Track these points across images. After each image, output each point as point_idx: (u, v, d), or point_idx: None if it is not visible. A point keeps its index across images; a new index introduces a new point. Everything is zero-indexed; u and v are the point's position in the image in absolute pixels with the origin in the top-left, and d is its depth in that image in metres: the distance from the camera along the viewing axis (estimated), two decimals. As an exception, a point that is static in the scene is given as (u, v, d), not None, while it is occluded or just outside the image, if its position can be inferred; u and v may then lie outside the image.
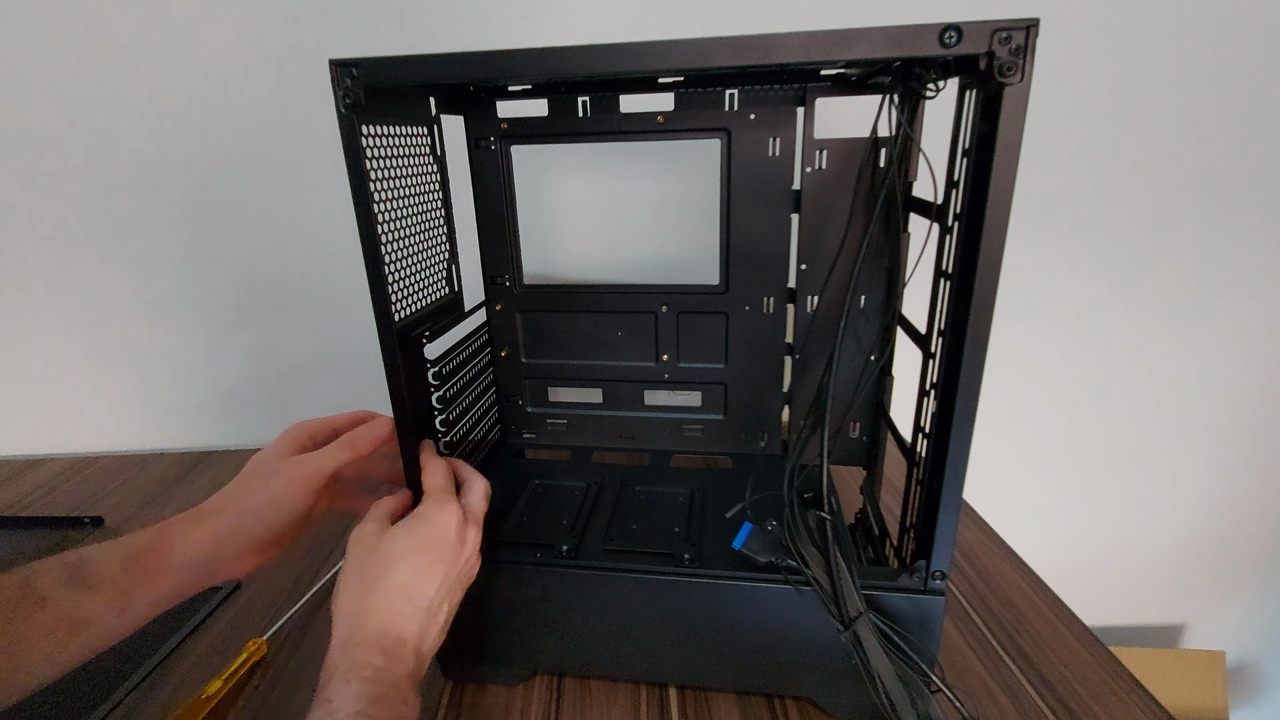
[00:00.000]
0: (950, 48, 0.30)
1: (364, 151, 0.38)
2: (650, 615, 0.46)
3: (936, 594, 0.41)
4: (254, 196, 0.83)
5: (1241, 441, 0.93)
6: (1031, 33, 0.30)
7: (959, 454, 0.37)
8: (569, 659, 0.50)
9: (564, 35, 0.75)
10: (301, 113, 0.78)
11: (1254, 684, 1.09)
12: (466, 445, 0.56)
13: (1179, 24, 0.74)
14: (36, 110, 0.78)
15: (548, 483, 0.57)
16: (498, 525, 0.51)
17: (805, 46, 0.32)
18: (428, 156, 0.50)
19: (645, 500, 0.54)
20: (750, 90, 0.50)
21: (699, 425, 0.61)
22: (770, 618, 0.44)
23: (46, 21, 0.75)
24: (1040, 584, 0.60)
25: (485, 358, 0.60)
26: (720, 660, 0.47)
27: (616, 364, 0.60)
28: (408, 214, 0.46)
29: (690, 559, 0.45)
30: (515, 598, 0.47)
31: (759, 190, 0.52)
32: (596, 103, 0.52)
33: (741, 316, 0.56)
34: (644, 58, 0.33)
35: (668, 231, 0.81)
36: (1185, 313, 0.87)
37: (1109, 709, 0.46)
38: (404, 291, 0.45)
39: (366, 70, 0.35)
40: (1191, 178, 0.81)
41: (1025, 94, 0.31)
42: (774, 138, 0.51)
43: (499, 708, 0.49)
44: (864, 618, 0.38)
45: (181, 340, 0.90)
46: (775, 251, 0.54)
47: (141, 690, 0.51)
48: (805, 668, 0.45)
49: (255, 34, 0.74)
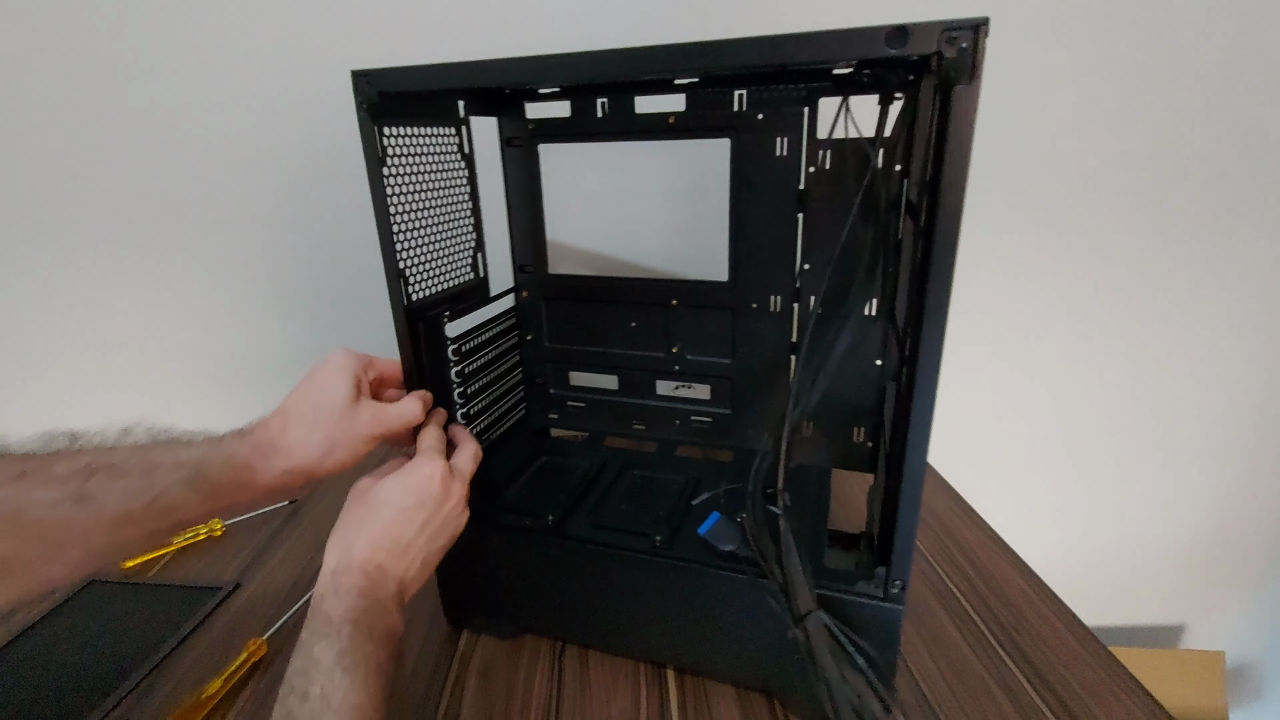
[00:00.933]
0: (898, 49, 0.30)
1: (384, 148, 0.44)
2: (621, 590, 0.49)
3: (895, 604, 0.40)
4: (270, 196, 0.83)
5: (1241, 442, 0.93)
6: (980, 33, 0.29)
7: (916, 457, 0.37)
8: (552, 623, 0.54)
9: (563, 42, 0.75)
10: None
11: (1254, 684, 1.09)
12: (486, 417, 0.60)
13: (1179, 23, 0.75)
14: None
15: (556, 459, 0.62)
16: (501, 492, 0.56)
17: (755, 52, 0.32)
18: (455, 154, 0.54)
19: (640, 484, 0.57)
20: (758, 91, 0.50)
21: (707, 418, 0.62)
22: (731, 607, 0.45)
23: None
24: (1040, 584, 0.60)
25: (512, 340, 0.64)
26: (683, 641, 0.48)
27: (630, 353, 0.62)
28: (427, 205, 0.50)
29: (661, 541, 0.47)
30: (505, 559, 0.52)
31: (766, 189, 0.53)
32: (613, 103, 0.54)
33: (748, 313, 0.57)
34: (571, 68, 0.35)
35: (680, 228, 0.81)
36: (1185, 313, 0.87)
37: (1109, 709, 0.46)
38: (422, 274, 0.50)
39: (378, 79, 0.41)
40: (1193, 178, 0.81)
41: (974, 94, 0.30)
42: (781, 138, 0.51)
43: (503, 673, 0.50)
44: (814, 616, 0.38)
45: (191, 333, 0.90)
46: (782, 250, 0.54)
47: (141, 690, 0.51)
48: (761, 660, 0.46)
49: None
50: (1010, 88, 0.74)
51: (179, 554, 0.69)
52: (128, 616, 0.59)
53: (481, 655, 0.53)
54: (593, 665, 0.52)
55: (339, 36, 0.76)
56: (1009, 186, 0.81)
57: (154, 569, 0.66)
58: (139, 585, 0.64)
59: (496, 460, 0.60)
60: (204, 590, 0.62)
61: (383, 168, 0.44)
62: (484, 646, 0.54)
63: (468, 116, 0.55)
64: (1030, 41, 0.74)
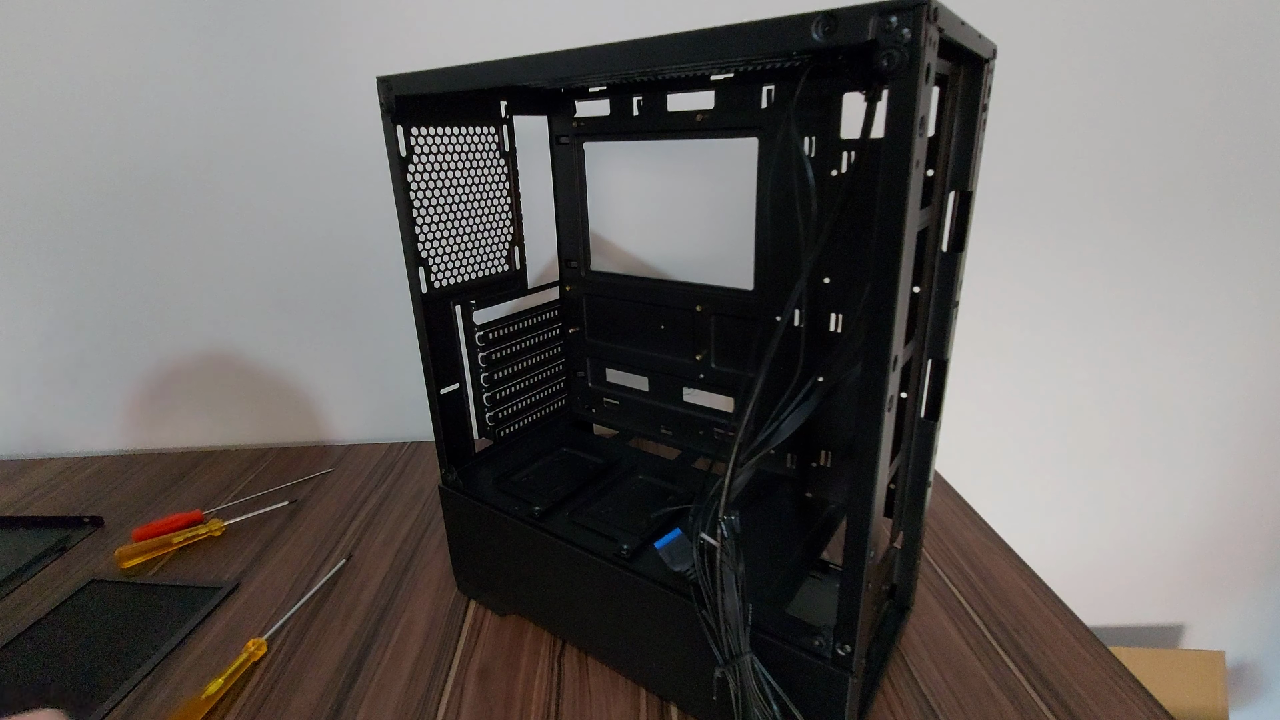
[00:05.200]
0: (827, 38, 0.26)
1: (410, 147, 0.49)
2: (586, 592, 0.49)
3: (843, 669, 0.36)
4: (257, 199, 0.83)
5: (1241, 442, 0.93)
6: (921, 15, 0.24)
7: (863, 495, 0.32)
8: (535, 611, 0.55)
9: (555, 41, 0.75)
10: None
11: (1254, 684, 1.09)
12: (518, 402, 0.63)
13: (1180, 22, 0.74)
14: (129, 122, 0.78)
15: (572, 452, 0.62)
16: (509, 476, 0.58)
17: (683, 49, 0.30)
18: (494, 152, 0.57)
19: (639, 489, 0.56)
20: (787, 87, 0.48)
21: (730, 431, 0.60)
22: (678, 631, 0.43)
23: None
24: (1040, 584, 0.60)
25: (554, 331, 0.66)
26: (641, 657, 0.48)
27: (659, 356, 0.62)
28: (456, 200, 0.54)
29: (628, 551, 0.46)
30: (495, 540, 0.54)
31: (794, 192, 0.49)
32: (646, 101, 0.55)
33: (773, 326, 0.54)
34: (534, 68, 0.36)
35: (713, 231, 0.82)
36: (1185, 313, 0.87)
37: (1109, 709, 0.46)
38: (446, 263, 0.54)
39: (398, 83, 0.45)
40: (1192, 177, 0.81)
41: (913, 88, 0.25)
42: (811, 137, 0.46)
43: (502, 674, 0.49)
44: (744, 660, 0.35)
45: (188, 338, 0.90)
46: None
47: (141, 690, 0.51)
48: (701, 692, 0.44)
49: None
50: (1010, 88, 0.75)
51: (179, 554, 0.69)
52: (128, 616, 0.59)
53: (481, 656, 0.53)
54: (592, 670, 0.52)
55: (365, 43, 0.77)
56: (1009, 186, 0.81)
57: (154, 569, 0.66)
58: (139, 585, 0.64)
59: (523, 445, 0.63)
60: (204, 590, 0.62)
61: (408, 165, 0.49)
62: (484, 647, 0.54)
63: (510, 116, 0.57)
64: (1031, 41, 0.74)
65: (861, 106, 0.34)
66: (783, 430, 0.39)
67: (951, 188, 0.41)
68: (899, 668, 0.51)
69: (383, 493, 0.79)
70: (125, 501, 0.80)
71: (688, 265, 0.84)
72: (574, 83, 0.54)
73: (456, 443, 0.57)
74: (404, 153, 0.48)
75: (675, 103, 0.53)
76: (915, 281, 0.43)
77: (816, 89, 0.45)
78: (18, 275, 0.87)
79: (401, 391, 0.93)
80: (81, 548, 0.71)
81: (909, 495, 0.48)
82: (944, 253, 0.42)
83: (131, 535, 0.71)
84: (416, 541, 0.69)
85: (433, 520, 0.73)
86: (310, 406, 0.94)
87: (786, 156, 0.48)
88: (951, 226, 0.42)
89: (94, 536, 0.73)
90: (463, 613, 0.58)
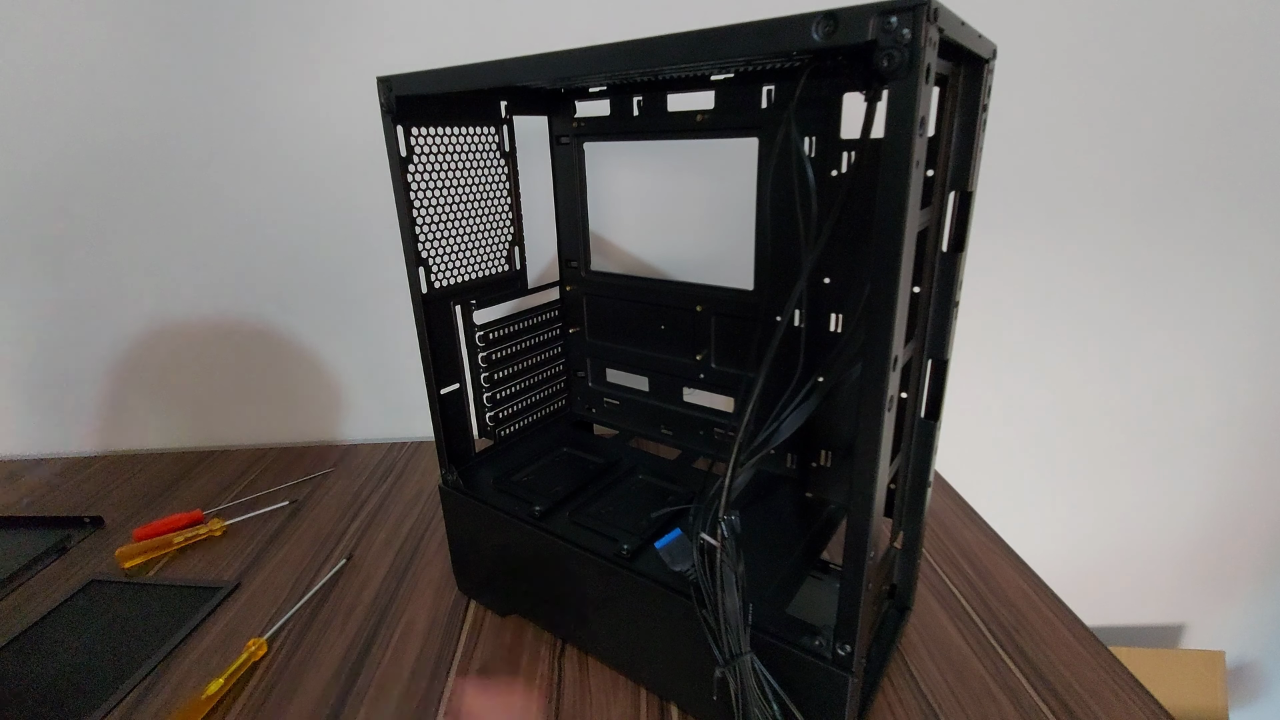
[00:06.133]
0: (827, 38, 0.26)
1: (410, 147, 0.49)
2: (588, 592, 0.49)
3: (843, 670, 0.36)
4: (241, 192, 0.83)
5: (1241, 441, 0.93)
6: (921, 15, 0.24)
7: (862, 503, 0.32)
8: (535, 611, 0.55)
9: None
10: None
11: (1254, 684, 1.09)
12: (518, 402, 0.63)
13: (1180, 22, 0.74)
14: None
15: (575, 452, 0.62)
16: (509, 476, 0.58)
17: (684, 49, 0.30)
18: (494, 152, 0.57)
19: (639, 489, 0.56)
20: (787, 87, 0.48)
21: (730, 431, 0.61)
22: (680, 631, 0.43)
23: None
24: (1040, 584, 0.60)
25: (554, 331, 0.66)
26: (643, 657, 0.47)
27: (659, 356, 0.62)
28: (456, 200, 0.54)
29: (628, 551, 0.46)
30: (495, 540, 0.54)
31: (794, 192, 0.49)
32: (647, 101, 0.55)
33: (773, 326, 0.54)
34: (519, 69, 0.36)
35: (712, 231, 0.82)
36: (1186, 312, 0.87)
37: (1109, 709, 0.46)
38: (446, 263, 0.54)
39: (398, 83, 0.45)
40: (1194, 177, 0.81)
41: (913, 88, 0.25)
42: (811, 137, 0.46)
43: (502, 674, 0.49)
44: (744, 659, 0.36)
45: (187, 338, 0.90)
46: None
47: (141, 690, 0.51)
48: (701, 692, 0.44)
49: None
50: (1010, 88, 0.75)
51: (179, 554, 0.69)
52: (128, 616, 0.59)
53: (481, 656, 0.53)
54: (592, 670, 0.52)
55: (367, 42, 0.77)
56: (1009, 186, 0.81)
57: (154, 569, 0.66)
58: (139, 585, 0.64)
59: (523, 445, 0.63)
60: (204, 590, 0.62)
61: (408, 165, 0.49)
62: (484, 647, 0.54)
63: (510, 116, 0.57)
64: (1031, 41, 0.74)
65: (861, 106, 0.34)
66: (783, 430, 0.39)
67: (951, 188, 0.41)
68: (899, 668, 0.51)
69: (383, 493, 0.79)
70: (126, 501, 0.80)
71: (688, 265, 0.84)
72: (574, 83, 0.54)
73: (457, 443, 0.57)
74: (404, 153, 0.49)
75: (675, 103, 0.53)
76: (915, 281, 0.43)
77: (816, 89, 0.45)
78: (18, 275, 0.87)
79: (402, 391, 0.93)
80: (82, 548, 0.71)
81: (909, 495, 0.48)
82: (944, 253, 0.42)
83: (132, 535, 0.71)
84: (417, 541, 0.69)
85: (433, 520, 0.73)
86: (311, 406, 0.94)
87: (786, 157, 0.48)
88: (951, 226, 0.42)
89: (94, 536, 0.73)
90: (463, 613, 0.58)
